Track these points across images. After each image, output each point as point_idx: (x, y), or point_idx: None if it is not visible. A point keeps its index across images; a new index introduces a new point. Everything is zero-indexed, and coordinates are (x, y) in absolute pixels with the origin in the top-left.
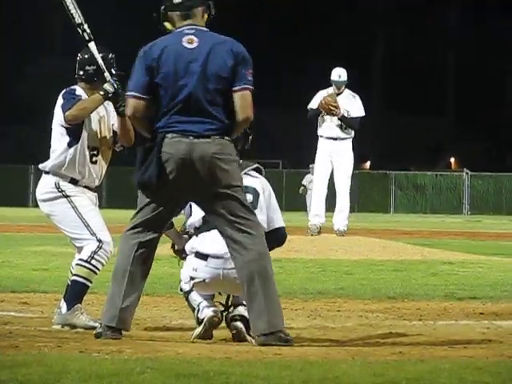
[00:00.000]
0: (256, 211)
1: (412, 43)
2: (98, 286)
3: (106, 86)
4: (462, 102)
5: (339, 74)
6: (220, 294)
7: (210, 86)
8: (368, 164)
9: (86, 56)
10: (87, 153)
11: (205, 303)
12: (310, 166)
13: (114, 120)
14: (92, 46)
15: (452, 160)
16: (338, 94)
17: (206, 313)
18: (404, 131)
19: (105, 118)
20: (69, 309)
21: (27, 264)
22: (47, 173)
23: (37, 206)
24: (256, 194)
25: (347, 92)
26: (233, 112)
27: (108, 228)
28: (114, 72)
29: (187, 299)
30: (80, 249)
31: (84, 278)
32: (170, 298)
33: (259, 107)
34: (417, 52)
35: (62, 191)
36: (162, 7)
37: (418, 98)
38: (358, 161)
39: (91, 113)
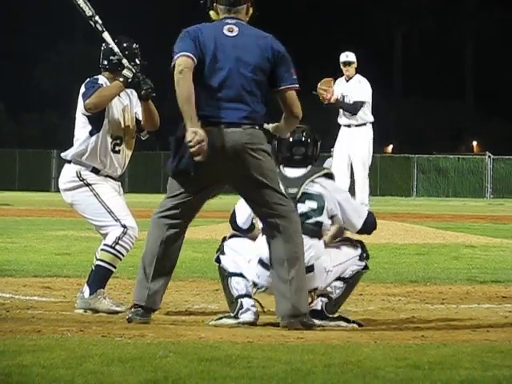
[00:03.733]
0: (321, 217)
1: (433, 28)
2: (120, 271)
3: (125, 71)
4: (481, 84)
5: (346, 54)
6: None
7: (246, 73)
8: (390, 148)
9: (110, 46)
10: (109, 142)
11: (248, 302)
12: (332, 149)
13: (137, 108)
14: (106, 36)
15: (474, 143)
16: (348, 79)
17: (248, 317)
18: (426, 115)
19: (128, 107)
20: (91, 293)
21: (49, 248)
22: (69, 162)
23: (59, 190)
24: (321, 202)
25: (356, 78)
26: (265, 103)
27: (132, 213)
28: (137, 62)
29: (226, 280)
30: (105, 236)
31: (108, 263)
32: (193, 283)
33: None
34: (438, 36)
35: (83, 180)
36: None
37: (439, 81)
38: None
39: (111, 100)
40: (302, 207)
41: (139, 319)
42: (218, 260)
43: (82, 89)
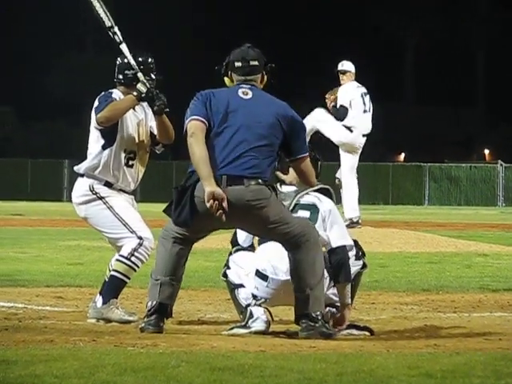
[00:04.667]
0: (316, 226)
1: (444, 35)
2: (133, 280)
3: (139, 86)
4: (493, 92)
5: (342, 63)
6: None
7: (257, 131)
8: (402, 156)
9: (126, 60)
10: (123, 156)
11: (258, 311)
12: None
13: (152, 122)
14: (124, 47)
15: (486, 151)
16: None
17: (259, 325)
18: (438, 123)
19: (143, 122)
20: (104, 303)
21: (62, 258)
22: (82, 176)
23: (71, 200)
24: (315, 210)
25: (345, 85)
26: (273, 168)
27: (146, 223)
28: (153, 77)
29: (233, 292)
30: (120, 248)
31: (122, 274)
32: (205, 292)
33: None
34: (448, 44)
35: (96, 193)
36: (225, 63)
37: (451, 90)
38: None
39: (124, 114)
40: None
41: (152, 329)
42: (224, 275)
43: (96, 103)
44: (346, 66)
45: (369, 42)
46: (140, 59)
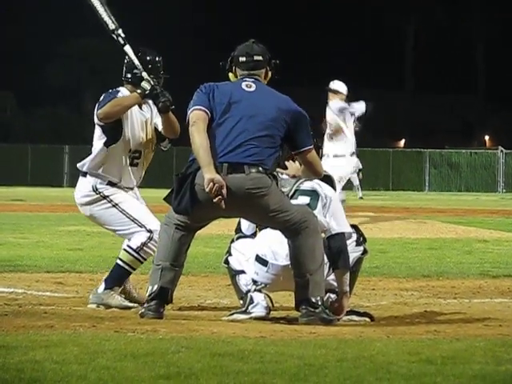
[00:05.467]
0: (315, 212)
1: (444, 23)
2: None
3: (143, 83)
4: (493, 79)
5: (333, 81)
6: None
7: (259, 122)
8: (402, 142)
9: (131, 59)
10: (127, 156)
11: (258, 297)
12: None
13: (157, 119)
14: (128, 49)
15: (486, 138)
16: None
17: (259, 311)
18: (438, 109)
19: (149, 120)
20: (105, 289)
21: (62, 244)
22: (84, 175)
23: (71, 185)
24: (315, 196)
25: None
26: (276, 159)
27: (153, 213)
28: (160, 76)
29: (234, 278)
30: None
31: (128, 265)
32: (205, 278)
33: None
34: (448, 31)
35: (100, 193)
36: (229, 59)
37: (451, 76)
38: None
39: (125, 111)
40: (295, 202)
41: (152, 314)
42: (226, 261)
43: (100, 98)
44: (336, 85)
45: (369, 31)
46: (148, 58)
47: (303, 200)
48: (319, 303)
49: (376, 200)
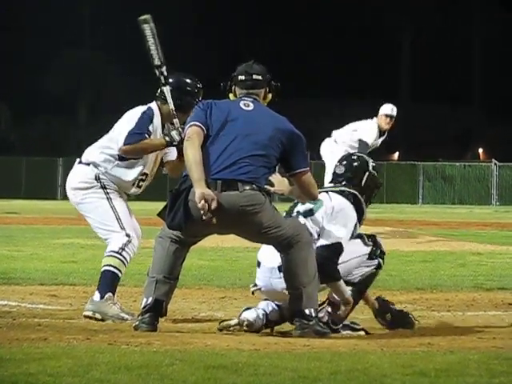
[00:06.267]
0: (312, 218)
1: (440, 33)
2: (126, 278)
3: (174, 133)
4: (488, 91)
5: (392, 108)
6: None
7: (254, 141)
8: (396, 155)
9: (176, 86)
10: (136, 178)
11: (258, 311)
12: None
13: (171, 150)
14: (166, 90)
15: (480, 150)
16: (383, 132)
17: (248, 314)
18: (432, 122)
19: (164, 150)
20: (102, 297)
21: (56, 256)
22: (88, 165)
23: (65, 198)
24: (319, 205)
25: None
26: (267, 179)
27: (138, 220)
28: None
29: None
30: (108, 241)
31: (115, 268)
32: (199, 290)
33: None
34: (444, 41)
35: (100, 182)
36: (230, 79)
37: (445, 89)
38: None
39: (147, 154)
40: (300, 207)
41: (146, 327)
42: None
43: (132, 118)
44: (395, 110)
45: (365, 39)
46: (188, 81)
47: (308, 206)
48: (313, 315)
49: (370, 213)
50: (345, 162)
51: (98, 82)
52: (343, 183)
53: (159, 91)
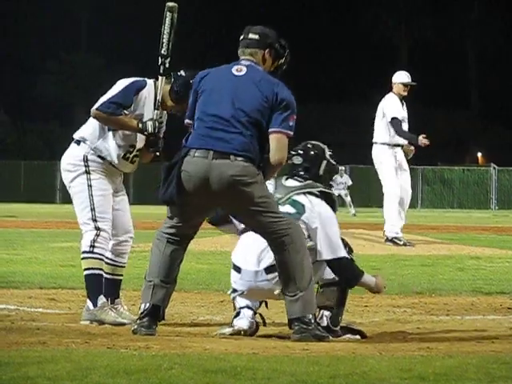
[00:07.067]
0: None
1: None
2: (125, 282)
3: (149, 124)
4: (486, 95)
5: (407, 75)
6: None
7: (242, 108)
8: None
9: (183, 76)
10: (123, 147)
11: (246, 312)
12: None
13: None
14: (161, 80)
15: (479, 155)
16: (402, 98)
17: (242, 323)
18: (431, 126)
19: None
20: (95, 304)
21: (55, 260)
22: (78, 143)
23: (64, 202)
24: (300, 210)
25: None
26: (263, 147)
27: (134, 224)
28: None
29: (233, 300)
30: (82, 235)
31: (94, 269)
32: (197, 294)
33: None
34: (441, 47)
35: (86, 165)
36: None
37: (443, 93)
38: None
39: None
40: (280, 209)
41: (144, 331)
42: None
43: (117, 88)
44: (410, 77)
45: (361, 45)
46: (182, 73)
47: (288, 209)
48: (312, 320)
49: (369, 217)
50: (301, 153)
51: (95, 85)
52: (304, 175)
53: (170, 74)
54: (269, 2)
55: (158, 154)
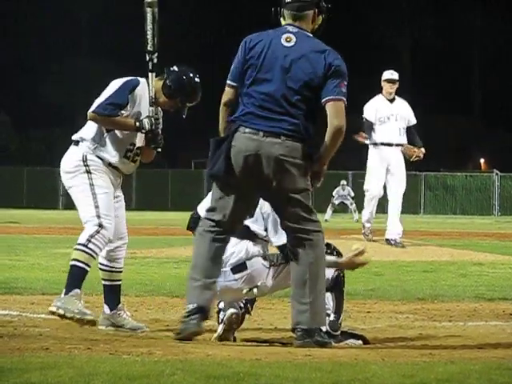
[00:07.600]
0: (252, 219)
1: (439, 41)
2: (127, 288)
3: (145, 121)
4: (489, 101)
5: (391, 72)
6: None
7: (293, 86)
8: None
9: (176, 71)
10: (123, 147)
11: (228, 307)
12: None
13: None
14: (151, 77)
15: (482, 161)
16: (391, 100)
17: (230, 311)
18: (433, 132)
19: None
20: (66, 293)
21: (57, 266)
22: (77, 143)
23: (66, 208)
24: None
25: (399, 98)
26: (314, 122)
27: (136, 230)
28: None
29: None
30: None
31: (83, 263)
32: None
33: None
34: (443, 50)
35: (86, 165)
36: (280, 3)
37: (446, 98)
38: None
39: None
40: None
41: (193, 328)
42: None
43: (112, 89)
44: (396, 74)
45: (362, 49)
46: (189, 80)
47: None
48: (318, 323)
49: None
50: None
51: (97, 90)
52: None
53: (167, 75)
54: (269, 1)
55: (159, 149)
